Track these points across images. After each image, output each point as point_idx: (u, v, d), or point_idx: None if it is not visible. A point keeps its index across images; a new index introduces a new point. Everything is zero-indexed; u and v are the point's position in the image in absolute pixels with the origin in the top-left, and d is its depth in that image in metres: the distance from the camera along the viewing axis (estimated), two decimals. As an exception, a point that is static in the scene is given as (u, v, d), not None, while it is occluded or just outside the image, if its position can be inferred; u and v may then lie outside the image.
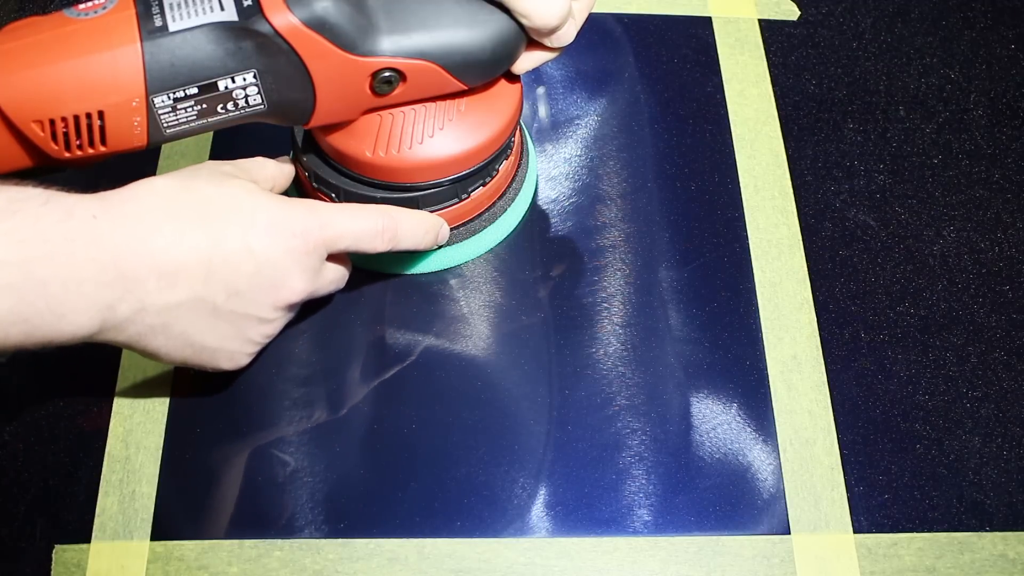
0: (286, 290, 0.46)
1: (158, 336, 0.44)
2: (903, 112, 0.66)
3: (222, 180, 0.45)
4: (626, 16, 0.70)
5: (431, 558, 0.50)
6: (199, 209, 0.44)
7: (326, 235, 0.47)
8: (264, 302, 0.46)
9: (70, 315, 0.40)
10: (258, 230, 0.44)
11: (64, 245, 0.39)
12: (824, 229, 0.61)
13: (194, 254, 0.43)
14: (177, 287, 0.43)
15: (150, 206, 0.42)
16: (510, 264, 0.59)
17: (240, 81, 0.44)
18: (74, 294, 0.40)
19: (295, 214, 0.46)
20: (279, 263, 0.45)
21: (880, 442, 0.54)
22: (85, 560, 0.49)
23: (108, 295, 0.41)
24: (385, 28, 0.46)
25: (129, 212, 0.42)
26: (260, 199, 0.45)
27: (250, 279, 0.45)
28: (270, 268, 0.45)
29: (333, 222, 0.47)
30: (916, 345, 0.57)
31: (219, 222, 0.44)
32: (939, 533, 0.51)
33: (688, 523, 0.51)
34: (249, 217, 0.44)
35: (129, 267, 0.41)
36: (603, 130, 0.64)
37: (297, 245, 0.46)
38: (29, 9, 0.68)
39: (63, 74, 0.41)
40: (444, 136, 0.50)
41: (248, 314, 0.46)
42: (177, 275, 0.42)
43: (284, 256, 0.45)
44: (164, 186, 0.44)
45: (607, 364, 0.55)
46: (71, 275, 0.39)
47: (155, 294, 0.42)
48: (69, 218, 0.40)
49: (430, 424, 0.53)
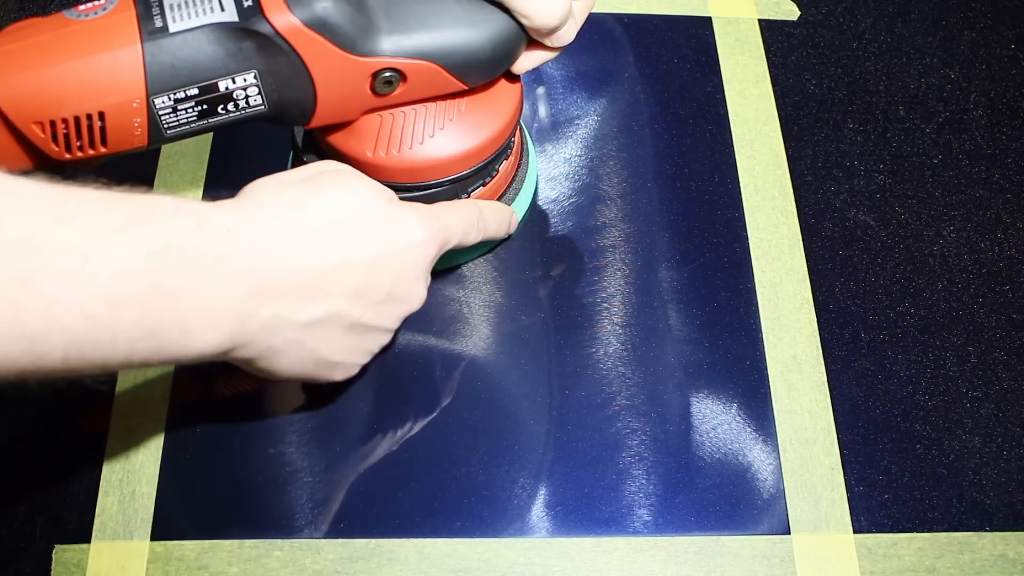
0: (415, 299, 0.46)
1: (288, 353, 0.42)
2: (903, 112, 0.66)
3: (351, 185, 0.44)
4: (626, 16, 0.70)
5: (431, 558, 0.50)
6: (335, 219, 0.42)
7: (446, 237, 0.47)
8: (395, 313, 0.45)
9: (200, 331, 0.37)
10: (393, 240, 0.43)
11: (196, 257, 0.37)
12: (824, 229, 0.61)
13: (335, 270, 0.41)
14: (316, 303, 0.41)
15: (285, 217, 0.41)
16: (510, 264, 0.59)
17: (241, 82, 0.44)
18: (206, 308, 0.37)
19: (421, 221, 0.45)
20: (412, 273, 0.45)
21: (880, 442, 0.54)
22: (85, 560, 0.49)
23: (241, 310, 0.38)
24: (385, 28, 0.46)
25: (263, 224, 0.40)
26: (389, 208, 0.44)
27: (388, 291, 0.44)
28: (405, 279, 0.44)
29: (450, 224, 0.47)
30: (916, 345, 0.57)
31: (359, 235, 0.42)
32: (939, 533, 0.51)
33: (688, 523, 0.51)
34: (387, 229, 0.43)
35: (265, 281, 0.39)
36: (603, 130, 0.64)
37: (427, 253, 0.45)
38: (29, 10, 0.68)
39: (63, 75, 0.41)
40: (444, 136, 0.50)
41: (379, 326, 0.45)
42: (317, 293, 0.41)
43: (415, 265, 0.45)
44: (293, 195, 0.42)
45: (607, 364, 0.56)
46: (202, 289, 0.37)
47: (292, 310, 0.40)
48: (201, 229, 0.38)
49: (430, 424, 0.53)
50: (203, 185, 0.61)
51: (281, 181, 0.43)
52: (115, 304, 0.35)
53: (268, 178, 0.43)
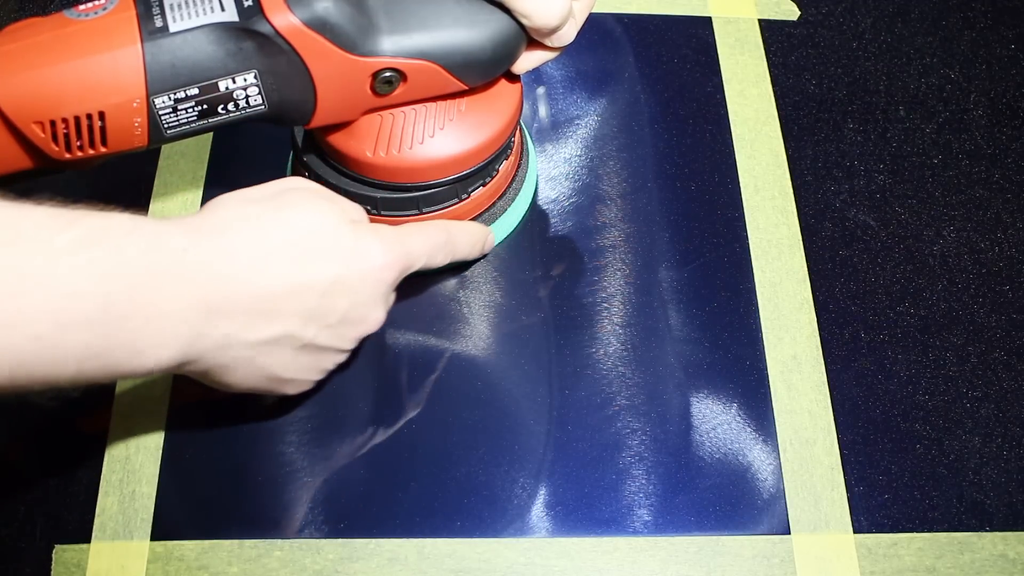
0: (369, 322, 0.46)
1: (238, 370, 0.43)
2: (903, 112, 0.66)
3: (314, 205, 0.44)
4: (626, 16, 0.70)
5: (431, 558, 0.50)
6: (294, 241, 0.42)
7: (408, 263, 0.47)
8: (350, 335, 0.45)
9: (149, 350, 0.38)
10: (354, 267, 0.43)
11: (149, 279, 0.37)
12: (824, 229, 0.61)
13: (289, 290, 0.41)
14: (270, 323, 0.41)
15: (242, 238, 0.41)
16: (510, 264, 0.59)
17: (241, 82, 0.44)
18: (156, 329, 0.38)
19: (383, 246, 0.45)
20: (369, 298, 0.45)
21: (880, 442, 0.54)
22: (85, 560, 0.49)
23: (192, 331, 0.39)
24: (386, 28, 0.46)
25: (220, 245, 0.40)
26: (349, 230, 0.44)
27: (343, 314, 0.44)
28: (361, 303, 0.44)
29: (414, 249, 0.47)
30: (916, 345, 0.57)
31: (314, 256, 0.42)
32: (939, 533, 0.51)
33: (688, 523, 0.51)
34: (345, 254, 0.43)
35: (218, 303, 0.39)
36: (603, 130, 0.64)
37: (386, 279, 0.45)
38: (29, 10, 0.68)
39: (64, 75, 0.41)
40: (444, 136, 0.50)
41: (332, 347, 0.45)
42: (270, 311, 0.41)
43: (373, 290, 0.45)
44: (254, 212, 0.42)
45: (607, 364, 0.56)
46: (154, 310, 0.37)
47: (244, 330, 0.41)
48: (155, 250, 0.38)
49: (430, 424, 0.53)
50: (203, 185, 0.61)
51: (245, 198, 0.43)
52: (64, 326, 0.35)
53: (233, 194, 0.43)
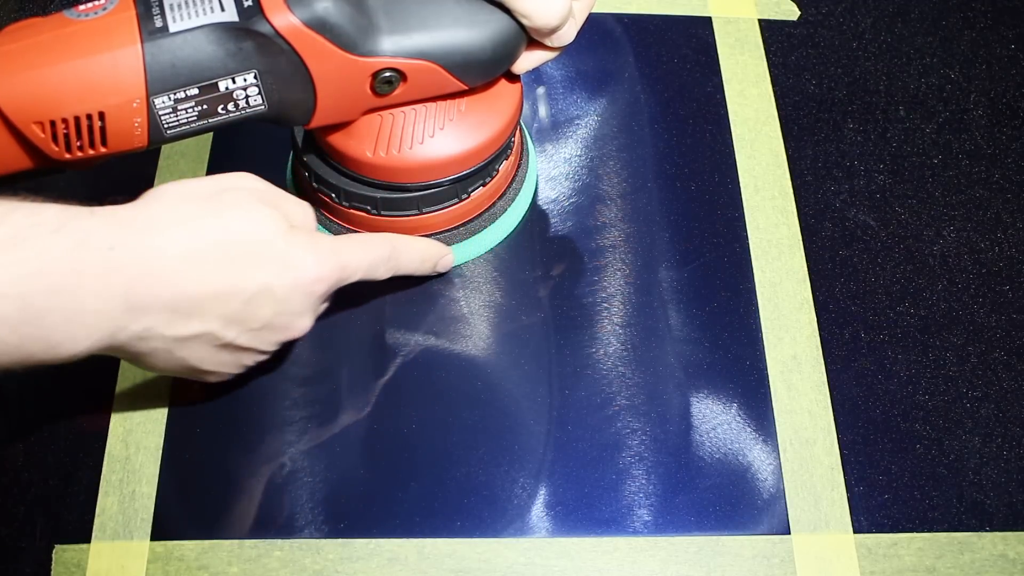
0: (295, 330, 0.46)
1: (154, 357, 0.43)
2: (903, 112, 0.66)
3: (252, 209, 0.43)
4: (626, 16, 0.70)
5: (431, 558, 0.50)
6: (226, 245, 0.42)
7: (342, 276, 0.47)
8: (272, 339, 0.46)
9: (66, 344, 0.39)
10: (282, 276, 0.43)
11: (71, 278, 0.38)
12: (824, 229, 0.61)
13: (214, 292, 0.42)
14: (190, 322, 0.42)
15: (174, 238, 0.41)
16: (510, 264, 0.59)
17: (241, 82, 0.44)
18: (75, 325, 0.38)
19: (318, 258, 0.45)
20: (295, 307, 0.45)
21: (880, 442, 0.54)
22: (85, 560, 0.49)
23: (111, 325, 0.39)
24: (385, 28, 0.46)
25: (151, 245, 0.40)
26: (286, 238, 0.44)
27: (266, 320, 0.44)
28: (286, 311, 0.45)
29: (350, 263, 0.47)
30: (916, 345, 0.57)
31: (244, 262, 0.42)
32: (939, 533, 0.51)
33: (688, 523, 0.51)
34: (276, 260, 0.43)
35: (140, 299, 0.40)
36: (603, 130, 0.64)
37: (316, 291, 0.45)
38: (29, 10, 0.68)
39: (64, 75, 0.41)
40: (444, 136, 0.50)
41: (253, 348, 0.46)
42: (191, 311, 0.41)
43: (302, 301, 0.45)
44: (191, 213, 0.42)
45: (607, 364, 0.56)
46: (74, 308, 0.38)
47: (164, 326, 0.41)
48: (82, 248, 0.38)
49: (430, 424, 0.53)
50: (203, 185, 0.61)
51: (184, 193, 0.43)
52: None
53: (174, 186, 0.43)
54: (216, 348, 0.44)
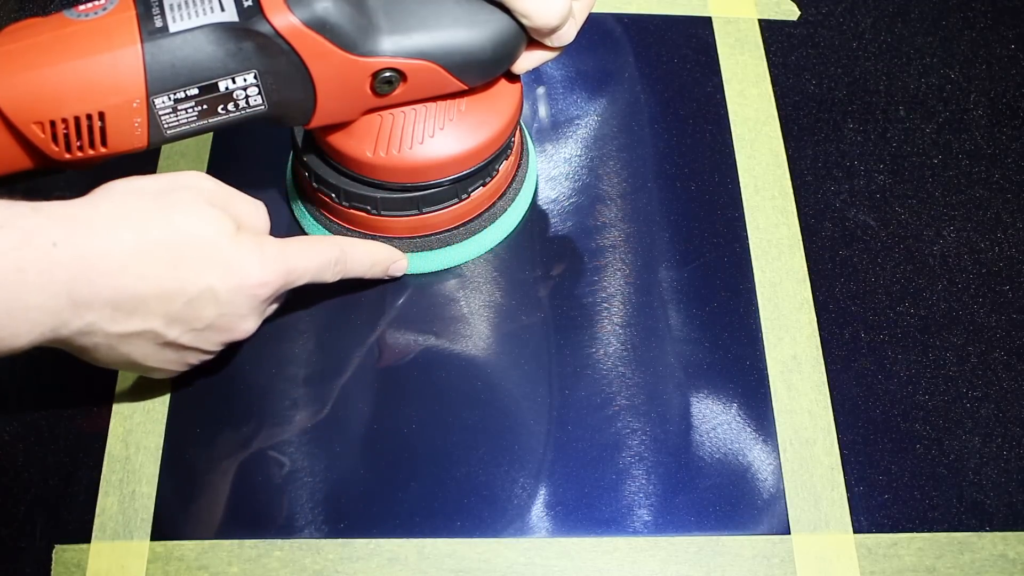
0: (239, 331, 0.46)
1: (97, 351, 0.43)
2: (903, 112, 0.66)
3: (199, 211, 0.43)
4: (626, 16, 0.70)
5: (431, 558, 0.50)
6: (170, 246, 0.42)
7: (288, 279, 0.47)
8: (216, 340, 0.46)
9: (8, 339, 0.39)
10: (226, 279, 0.43)
11: (13, 275, 0.38)
12: (824, 229, 0.61)
13: (157, 292, 0.42)
14: (132, 319, 0.42)
15: (118, 236, 0.41)
16: (510, 264, 0.59)
17: (241, 82, 0.44)
18: (16, 320, 0.39)
19: (263, 262, 0.45)
20: (239, 309, 0.45)
21: (880, 442, 0.54)
22: (85, 560, 0.49)
23: (54, 320, 0.40)
24: (385, 28, 0.46)
25: (94, 242, 0.40)
26: (231, 239, 0.44)
27: (209, 321, 0.44)
28: (230, 314, 0.45)
29: (297, 267, 0.47)
30: (916, 345, 0.57)
31: (188, 264, 0.42)
32: (939, 533, 0.51)
33: (688, 523, 0.51)
34: (220, 263, 0.43)
35: (83, 296, 0.40)
36: (603, 130, 0.64)
37: (260, 295, 0.45)
38: (29, 10, 0.68)
39: (64, 75, 0.41)
40: (444, 136, 0.50)
41: (197, 348, 0.46)
42: (134, 309, 0.42)
43: (246, 303, 0.45)
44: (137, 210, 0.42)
45: (607, 364, 0.56)
46: (16, 304, 0.38)
47: (107, 322, 0.41)
48: (25, 245, 0.38)
49: (430, 424, 0.53)
50: (203, 185, 0.61)
51: (131, 190, 0.43)
52: None
53: (122, 183, 0.43)
54: (159, 346, 0.45)
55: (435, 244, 0.56)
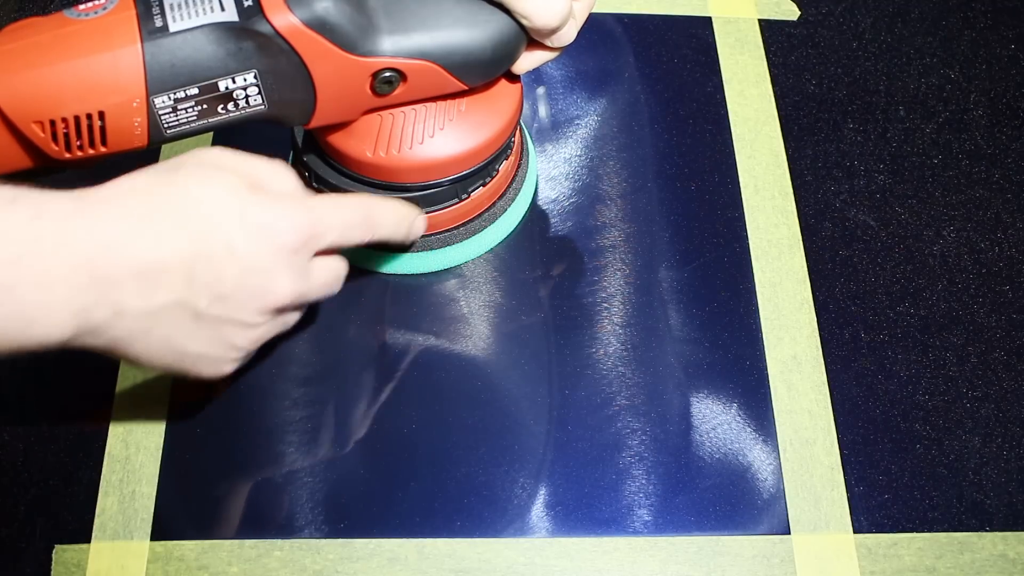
0: (273, 293, 0.43)
1: (137, 341, 0.41)
2: (903, 112, 0.66)
3: (207, 175, 0.42)
4: (626, 16, 0.70)
5: (431, 558, 0.50)
6: (181, 208, 0.41)
7: (314, 231, 0.44)
8: (250, 306, 0.43)
9: (41, 320, 0.37)
10: (243, 231, 0.41)
11: (33, 246, 0.37)
12: (824, 229, 0.61)
13: (175, 256, 0.40)
14: (158, 290, 0.40)
15: (128, 205, 0.40)
16: (510, 264, 0.59)
17: (241, 81, 0.44)
18: (45, 298, 0.37)
19: (282, 211, 0.43)
20: (265, 264, 0.42)
21: (880, 442, 0.54)
22: (85, 560, 0.49)
23: (82, 299, 0.38)
24: (386, 28, 0.46)
25: (105, 212, 0.39)
26: (245, 197, 0.42)
27: (235, 282, 0.42)
28: (256, 270, 0.42)
29: (323, 217, 0.44)
30: (916, 345, 0.57)
31: (202, 222, 0.41)
32: (939, 533, 0.51)
33: (688, 523, 0.51)
34: (233, 217, 0.41)
35: (105, 270, 0.38)
36: (603, 130, 0.64)
37: (284, 243, 0.43)
38: (29, 9, 0.68)
39: (63, 75, 0.41)
40: (444, 136, 0.50)
41: (233, 319, 0.43)
42: (157, 278, 0.40)
43: (271, 257, 0.42)
44: (145, 183, 0.41)
45: (607, 364, 0.56)
46: (41, 278, 0.37)
47: (134, 298, 0.40)
48: (39, 218, 0.37)
49: (430, 424, 0.53)
50: (203, 185, 0.61)
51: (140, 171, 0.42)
52: None
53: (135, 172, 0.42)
54: (194, 322, 0.42)
55: (435, 244, 0.56)
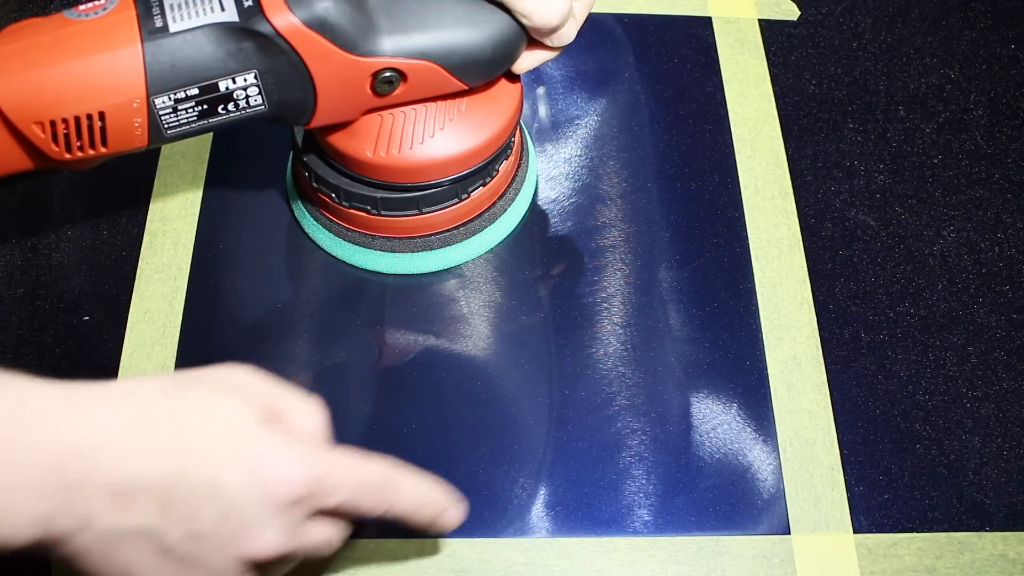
0: (252, 544, 0.38)
1: (96, 560, 0.37)
2: (903, 112, 0.66)
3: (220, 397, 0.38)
4: (626, 16, 0.70)
5: (431, 558, 0.50)
6: (177, 427, 0.37)
7: (318, 487, 0.38)
8: (224, 552, 0.37)
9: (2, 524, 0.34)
10: (235, 468, 0.37)
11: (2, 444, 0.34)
12: (824, 229, 0.61)
13: (154, 478, 0.36)
14: (129, 512, 0.36)
15: (121, 410, 0.36)
16: (510, 264, 0.59)
17: (241, 82, 0.44)
18: (7, 502, 0.34)
19: (287, 456, 0.38)
20: (251, 511, 0.37)
21: (880, 442, 0.54)
22: (86, 560, 0.49)
23: (49, 506, 0.34)
24: (386, 28, 0.46)
25: (94, 412, 0.36)
26: (251, 430, 0.38)
27: (213, 523, 0.37)
28: (239, 515, 0.37)
29: (332, 473, 0.39)
30: (916, 345, 0.57)
31: (193, 448, 0.37)
32: (939, 533, 0.51)
33: (688, 523, 0.51)
34: (230, 450, 0.37)
35: (77, 478, 0.35)
36: (603, 130, 0.64)
37: (277, 493, 0.37)
38: (29, 10, 0.68)
39: (64, 75, 0.41)
40: (444, 136, 0.50)
41: (203, 563, 0.38)
42: (131, 497, 0.36)
43: (258, 505, 0.37)
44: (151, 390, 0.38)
45: (607, 364, 0.56)
46: (4, 481, 0.34)
47: (103, 514, 0.36)
48: (19, 409, 0.34)
49: (430, 424, 0.53)
50: (203, 185, 0.61)
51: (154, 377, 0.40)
52: None
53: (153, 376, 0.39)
54: (160, 556, 0.37)
55: (435, 244, 0.56)
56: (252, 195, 0.61)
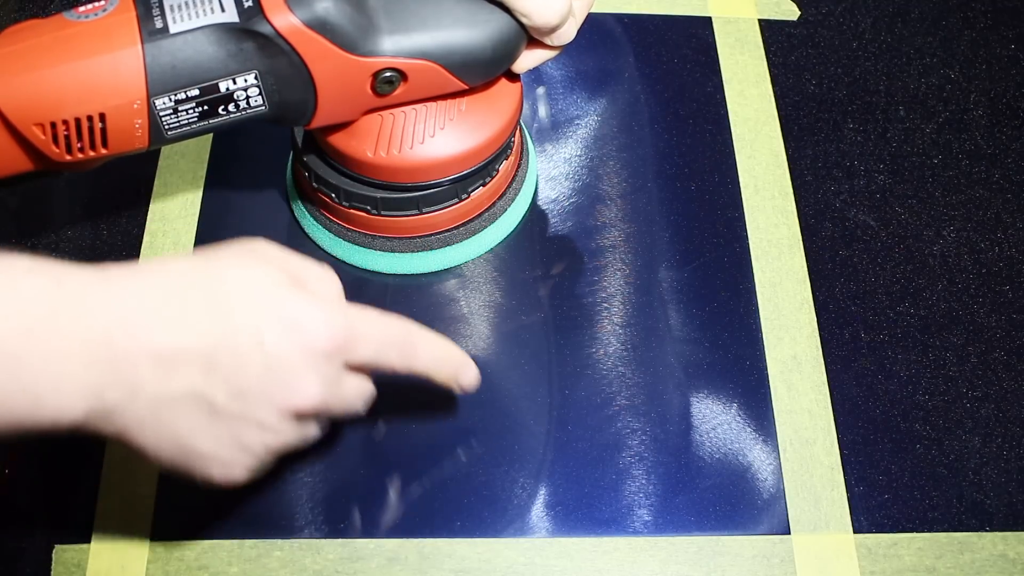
0: (298, 395, 0.39)
1: (147, 430, 0.38)
2: (903, 112, 0.66)
3: (249, 262, 0.40)
4: (626, 16, 0.70)
5: (431, 558, 0.50)
6: (212, 292, 0.38)
7: (350, 338, 0.41)
8: (271, 405, 0.39)
9: (50, 397, 0.35)
10: (275, 324, 0.38)
11: (47, 318, 0.34)
12: (824, 229, 0.61)
13: (197, 341, 0.37)
14: (175, 376, 0.37)
15: (155, 282, 0.37)
16: (510, 264, 0.59)
17: (241, 82, 0.44)
18: (56, 373, 0.34)
19: (320, 311, 0.40)
20: (292, 363, 0.39)
21: (880, 442, 0.54)
22: (85, 560, 0.49)
23: (96, 377, 0.35)
24: (386, 28, 0.46)
25: (129, 286, 0.37)
26: (284, 290, 0.39)
27: (257, 378, 0.38)
28: (281, 368, 0.39)
29: (361, 327, 0.41)
30: (916, 345, 0.57)
31: (231, 309, 0.38)
32: (939, 533, 0.51)
33: (688, 523, 0.51)
34: (268, 308, 0.39)
35: (122, 348, 0.36)
36: (603, 130, 0.64)
37: (318, 345, 0.39)
38: (29, 11, 0.68)
39: (64, 77, 0.41)
40: (445, 136, 0.50)
41: (250, 417, 0.39)
42: (175, 362, 0.37)
43: (301, 356, 0.39)
44: (181, 263, 0.39)
45: (607, 364, 0.56)
46: (53, 352, 0.34)
47: (150, 381, 0.37)
48: (57, 287, 0.35)
49: (430, 424, 0.53)
50: (203, 185, 0.61)
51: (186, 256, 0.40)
52: None
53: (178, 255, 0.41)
54: (209, 417, 0.39)
55: (435, 244, 0.57)
56: (252, 195, 0.61)
